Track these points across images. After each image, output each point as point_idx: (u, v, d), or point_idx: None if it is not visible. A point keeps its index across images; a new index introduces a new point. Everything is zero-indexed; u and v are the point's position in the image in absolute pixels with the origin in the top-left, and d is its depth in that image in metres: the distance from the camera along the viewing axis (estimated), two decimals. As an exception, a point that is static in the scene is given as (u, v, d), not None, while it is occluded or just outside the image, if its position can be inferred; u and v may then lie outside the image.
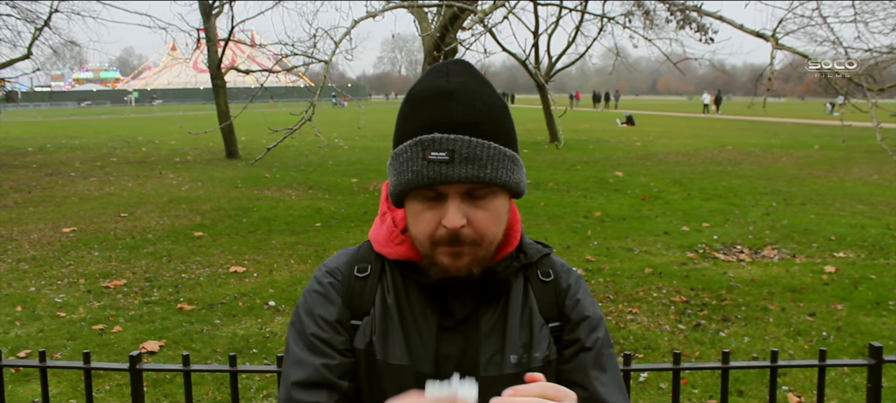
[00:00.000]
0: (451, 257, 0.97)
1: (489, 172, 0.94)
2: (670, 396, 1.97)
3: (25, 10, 16.46)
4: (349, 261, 1.09)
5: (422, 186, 0.95)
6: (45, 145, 21.25)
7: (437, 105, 0.95)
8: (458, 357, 1.02)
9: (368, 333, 1.03)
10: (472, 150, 0.93)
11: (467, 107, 0.95)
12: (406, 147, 0.96)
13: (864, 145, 17.30)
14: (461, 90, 0.96)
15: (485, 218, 0.97)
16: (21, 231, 8.24)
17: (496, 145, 0.95)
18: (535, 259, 1.09)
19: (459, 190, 0.95)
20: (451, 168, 0.92)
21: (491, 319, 1.03)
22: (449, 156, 0.92)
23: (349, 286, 1.06)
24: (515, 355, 1.03)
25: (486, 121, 0.95)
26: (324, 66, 7.65)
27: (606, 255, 6.95)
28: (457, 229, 0.94)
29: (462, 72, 0.98)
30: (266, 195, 11.00)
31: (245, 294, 5.71)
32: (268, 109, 29.85)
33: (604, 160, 16.09)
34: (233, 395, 2.02)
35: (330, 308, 1.05)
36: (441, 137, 0.93)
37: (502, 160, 0.96)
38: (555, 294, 1.09)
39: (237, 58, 44.63)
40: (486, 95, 0.98)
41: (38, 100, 65.78)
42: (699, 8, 8.62)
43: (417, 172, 0.94)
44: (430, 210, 0.97)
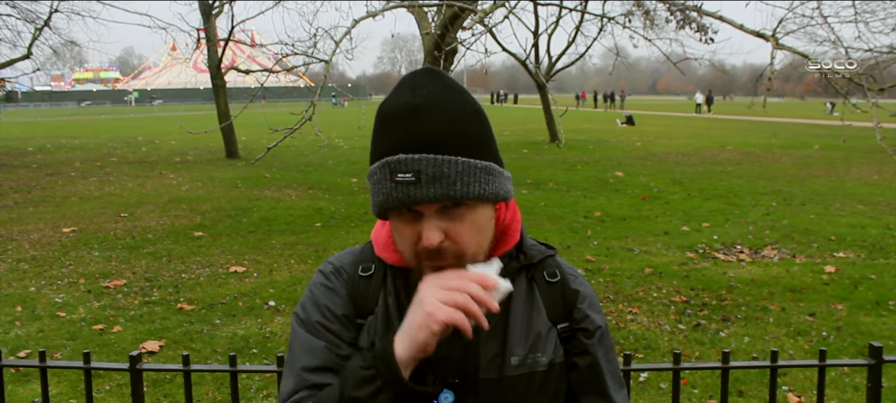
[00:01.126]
0: (435, 271, 0.97)
1: (459, 188, 0.92)
2: (670, 396, 1.97)
3: (25, 10, 16.47)
4: (354, 261, 1.09)
5: (393, 208, 0.95)
6: (45, 145, 21.25)
7: (401, 124, 0.93)
8: (458, 360, 1.01)
9: (372, 333, 1.03)
10: (437, 169, 0.91)
11: (433, 123, 0.92)
12: (375, 169, 0.96)
13: (864, 145, 17.30)
14: (427, 104, 0.93)
15: (464, 231, 0.95)
16: (21, 231, 8.24)
17: (465, 159, 0.93)
18: (538, 259, 1.09)
19: (433, 207, 0.94)
20: (418, 189, 0.91)
21: (491, 321, 1.01)
22: (415, 177, 0.91)
23: (354, 284, 1.06)
24: (516, 356, 1.02)
25: (454, 134, 0.93)
26: (324, 66, 7.65)
27: (606, 255, 6.94)
28: (434, 246, 0.94)
29: (430, 82, 0.95)
30: (266, 195, 11.00)
31: (245, 294, 5.71)
32: (267, 109, 29.86)
33: (604, 160, 16.08)
34: (233, 395, 2.02)
35: (336, 300, 1.06)
36: (406, 158, 0.92)
37: (473, 173, 0.94)
38: (562, 295, 1.08)
39: (237, 58, 44.63)
40: (454, 104, 0.95)
41: (38, 100, 65.75)
42: (699, 8, 8.62)
43: (387, 194, 0.94)
44: (410, 226, 0.96)
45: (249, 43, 23.47)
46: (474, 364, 1.01)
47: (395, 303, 1.04)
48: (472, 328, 0.99)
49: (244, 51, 51.17)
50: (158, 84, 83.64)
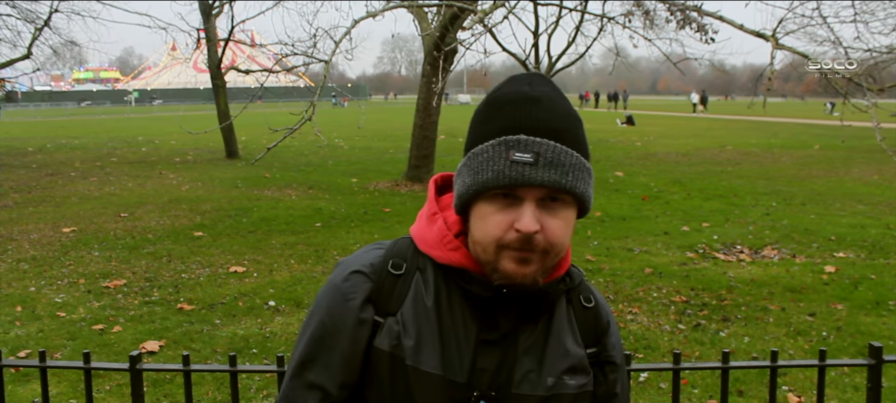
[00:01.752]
0: (517, 263, 0.95)
1: (570, 180, 0.93)
2: (670, 396, 1.97)
3: (25, 10, 16.46)
4: (385, 256, 1.04)
5: (502, 186, 0.93)
6: (45, 145, 21.25)
7: (522, 109, 0.94)
8: (494, 372, 1.00)
9: (396, 335, 0.99)
10: (556, 156, 0.92)
11: (552, 114, 0.95)
12: (487, 147, 0.94)
13: (864, 145, 17.30)
14: (545, 97, 0.96)
15: (558, 226, 0.95)
16: (21, 231, 8.24)
17: (578, 155, 0.95)
18: (577, 282, 1.08)
19: (537, 195, 0.93)
20: (534, 170, 0.91)
21: (530, 337, 1.02)
22: (534, 159, 0.91)
23: (380, 281, 1.02)
24: (552, 377, 1.01)
25: (569, 130, 0.95)
26: (324, 66, 7.65)
27: (606, 255, 6.94)
28: (531, 233, 0.92)
29: (545, 83, 0.98)
30: (266, 195, 11.00)
31: (245, 294, 5.71)
32: (267, 109, 29.86)
33: (604, 160, 16.08)
34: (233, 395, 2.02)
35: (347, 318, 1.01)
36: (527, 139, 0.92)
37: (582, 170, 0.96)
38: (595, 322, 1.08)
39: (237, 58, 44.63)
40: (569, 108, 0.98)
41: (38, 100, 65.74)
42: (699, 8, 8.62)
43: (499, 172, 0.92)
44: (502, 213, 0.94)
45: (249, 43, 23.47)
46: (509, 377, 1.00)
47: (434, 306, 1.00)
48: (510, 343, 1.00)
49: (244, 51, 51.15)
50: (158, 84, 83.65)
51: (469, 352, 0.99)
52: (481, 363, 0.99)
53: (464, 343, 0.99)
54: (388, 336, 0.99)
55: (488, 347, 1.00)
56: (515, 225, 0.93)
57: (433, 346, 0.99)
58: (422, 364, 0.98)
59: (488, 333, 1.00)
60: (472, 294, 0.99)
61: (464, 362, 0.99)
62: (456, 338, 0.99)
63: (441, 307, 1.00)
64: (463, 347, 0.99)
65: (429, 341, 0.99)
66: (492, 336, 1.00)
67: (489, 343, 1.00)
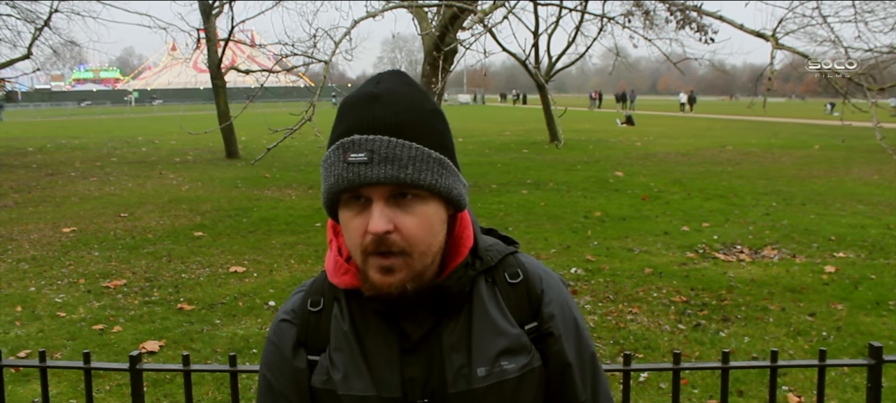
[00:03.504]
0: (381, 273, 0.92)
1: (410, 173, 0.90)
2: (670, 396, 1.97)
3: (25, 10, 16.48)
4: (303, 298, 1.06)
5: (343, 189, 0.91)
6: (45, 145, 21.25)
7: (361, 108, 0.92)
8: (425, 378, 0.98)
9: (325, 370, 1.00)
10: (391, 150, 0.89)
11: (390, 109, 0.91)
12: (330, 152, 0.94)
13: (864, 145, 17.30)
14: (387, 93, 0.93)
15: (413, 224, 0.91)
16: (21, 231, 8.24)
17: (419, 146, 0.91)
18: (496, 261, 1.03)
19: (383, 193, 0.91)
20: (369, 169, 0.89)
21: (454, 332, 0.98)
22: (368, 157, 0.89)
23: (304, 323, 1.03)
24: (484, 367, 0.97)
25: (411, 122, 0.92)
26: (324, 66, 7.65)
27: (606, 255, 6.94)
28: (380, 233, 0.90)
29: (393, 79, 0.96)
30: (266, 195, 11.00)
31: (245, 294, 5.71)
32: (268, 109, 29.83)
33: (604, 160, 16.09)
34: (233, 395, 2.02)
35: (284, 368, 1.04)
36: (360, 139, 0.90)
37: (426, 161, 0.91)
38: (527, 295, 1.02)
39: (237, 58, 44.62)
40: (415, 100, 0.94)
41: (38, 100, 65.72)
42: (699, 8, 8.62)
43: (339, 175, 0.91)
44: (358, 217, 0.92)
45: (249, 43, 23.48)
46: (441, 380, 0.98)
47: (351, 330, 1.00)
48: (435, 345, 0.98)
49: (244, 51, 51.16)
50: (158, 84, 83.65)
51: (396, 366, 0.98)
52: (408, 372, 0.98)
53: (389, 358, 0.98)
54: (320, 373, 1.01)
55: (411, 356, 0.98)
56: (368, 228, 0.91)
57: (360, 370, 0.98)
58: (353, 391, 0.98)
59: (405, 343, 0.99)
60: (378, 309, 0.98)
61: (393, 377, 0.98)
62: (380, 356, 0.98)
63: (358, 330, 1.00)
64: (389, 362, 0.98)
65: (355, 366, 0.99)
66: (408, 345, 0.99)
67: (409, 352, 0.99)
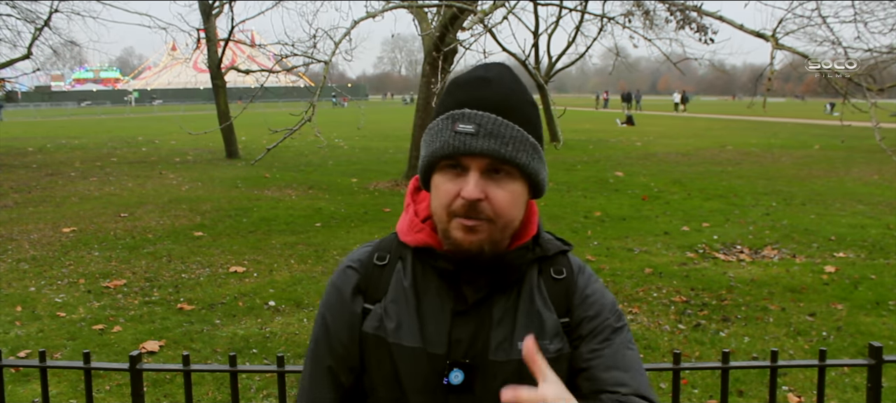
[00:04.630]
0: (465, 231, 1.01)
1: (510, 150, 1.00)
2: (670, 396, 1.97)
3: (25, 10, 16.48)
4: (371, 251, 1.16)
5: (447, 155, 1.01)
6: (45, 145, 21.25)
7: (472, 87, 1.03)
8: (469, 341, 1.06)
9: (379, 317, 1.09)
10: (496, 127, 0.99)
11: (499, 92, 1.02)
12: (438, 121, 1.04)
13: (864, 145, 17.30)
14: (497, 79, 1.03)
15: (502, 196, 1.01)
16: (21, 231, 8.24)
17: (520, 128, 1.01)
18: (552, 253, 1.13)
19: (481, 164, 1.00)
20: (475, 140, 0.99)
21: (503, 307, 1.07)
22: (475, 130, 0.99)
23: (367, 273, 1.13)
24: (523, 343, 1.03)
25: (515, 108, 1.02)
26: (324, 66, 7.65)
27: (606, 255, 6.94)
28: (473, 199, 0.99)
29: (502, 69, 1.06)
30: (266, 195, 11.00)
31: (245, 294, 5.71)
32: (268, 109, 29.84)
33: (604, 160, 16.09)
34: (233, 395, 2.02)
35: (342, 310, 1.12)
36: (470, 112, 1.00)
37: (524, 143, 1.02)
38: (566, 292, 1.11)
39: (237, 58, 44.62)
40: (519, 91, 1.04)
41: (38, 100, 65.70)
42: (699, 8, 8.62)
43: (444, 142, 1.01)
44: (451, 182, 1.02)
45: (249, 43, 23.47)
46: (484, 346, 1.06)
47: (411, 286, 1.09)
48: (485, 314, 1.07)
49: (244, 51, 51.14)
50: (158, 84, 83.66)
51: (445, 325, 1.06)
52: (456, 334, 1.06)
53: (440, 317, 1.07)
54: (372, 320, 1.09)
55: (461, 318, 1.07)
56: (462, 193, 1.00)
57: (412, 323, 1.07)
58: (403, 341, 1.06)
59: (459, 305, 1.07)
60: (441, 269, 1.07)
61: (441, 335, 1.06)
62: (433, 314, 1.07)
63: (418, 287, 1.09)
64: (440, 321, 1.07)
65: (408, 319, 1.07)
66: (462, 307, 1.07)
67: (461, 314, 1.07)
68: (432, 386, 1.05)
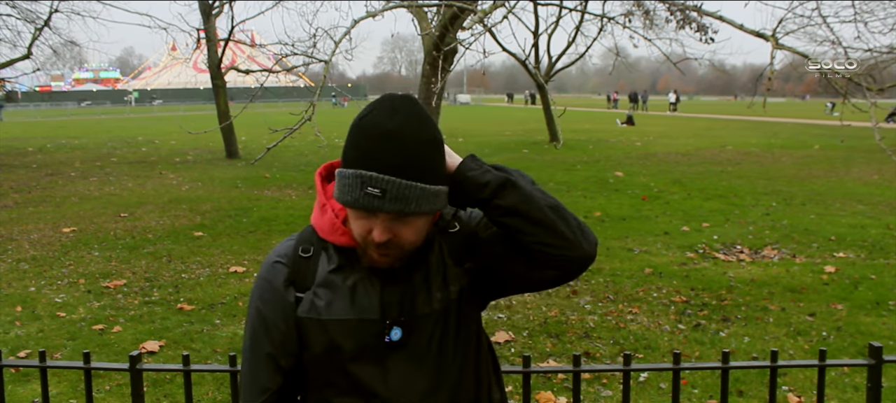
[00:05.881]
0: (380, 255, 1.19)
1: (413, 207, 1.14)
2: (670, 396, 1.98)
3: (25, 10, 16.47)
4: (295, 245, 1.30)
5: (359, 210, 1.16)
6: (45, 145, 21.25)
7: (377, 145, 1.12)
8: (399, 303, 1.24)
9: (310, 301, 1.24)
10: (400, 191, 1.12)
11: (400, 151, 1.12)
12: (349, 175, 1.14)
13: (864, 145, 17.30)
14: (397, 133, 1.12)
15: (409, 233, 1.18)
16: (21, 231, 8.24)
17: (422, 185, 1.13)
18: (447, 220, 1.31)
19: (389, 216, 1.15)
20: (382, 202, 1.12)
21: (420, 275, 1.27)
22: (382, 193, 1.12)
23: (294, 266, 1.27)
24: (439, 293, 1.27)
25: (417, 163, 1.13)
26: (324, 66, 7.65)
27: (606, 255, 6.94)
28: (383, 242, 1.16)
29: (405, 108, 1.15)
30: (266, 195, 11.00)
31: (245, 294, 5.71)
32: (268, 109, 29.83)
33: (604, 160, 16.09)
34: (233, 395, 2.02)
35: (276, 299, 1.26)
36: (376, 177, 1.11)
37: (426, 196, 1.15)
38: (462, 239, 1.30)
39: (237, 58, 44.62)
40: (420, 135, 1.14)
41: (38, 100, 65.62)
42: (699, 8, 8.62)
43: (356, 199, 1.14)
44: (364, 220, 1.17)
45: (249, 43, 23.48)
46: (411, 305, 1.24)
47: (337, 270, 1.25)
48: (408, 281, 1.25)
49: (244, 51, 51.14)
50: (158, 84, 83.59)
51: (376, 295, 1.23)
52: (387, 298, 1.24)
53: (371, 289, 1.24)
54: (305, 306, 1.25)
55: (390, 287, 1.24)
56: (371, 237, 1.16)
57: (343, 300, 1.23)
58: (335, 315, 1.23)
59: (388, 279, 1.25)
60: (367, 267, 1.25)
61: (372, 302, 1.23)
62: (363, 288, 1.24)
63: (345, 270, 1.25)
64: (370, 292, 1.24)
65: (338, 297, 1.23)
66: (392, 279, 1.25)
67: (391, 283, 1.25)
68: (371, 347, 1.23)
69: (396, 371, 1.23)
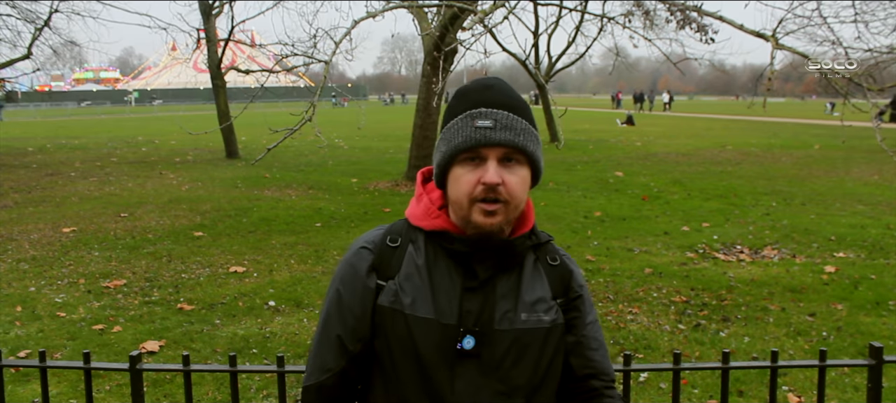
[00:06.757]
0: (485, 215, 1.18)
1: (522, 140, 1.18)
2: (670, 396, 1.97)
3: (25, 10, 16.45)
4: (383, 234, 1.31)
5: (470, 147, 1.17)
6: (45, 145, 21.25)
7: (482, 92, 1.22)
8: (478, 313, 1.21)
9: (394, 293, 1.23)
10: (510, 121, 1.18)
11: (504, 95, 1.22)
12: (457, 119, 1.20)
13: (864, 145, 17.30)
14: (498, 86, 1.23)
15: (515, 181, 1.19)
16: (21, 231, 8.24)
17: (526, 122, 1.21)
18: (544, 240, 1.32)
19: (497, 154, 1.17)
20: (493, 132, 1.17)
21: (506, 284, 1.24)
22: (493, 124, 1.17)
23: (380, 253, 1.27)
24: (525, 313, 1.24)
25: (519, 107, 1.22)
26: (324, 66, 7.65)
27: (606, 255, 6.94)
28: (494, 184, 1.16)
29: (499, 80, 1.26)
30: (266, 195, 11.00)
31: (245, 294, 5.71)
32: (268, 109, 29.83)
33: (604, 160, 16.09)
34: (233, 395, 2.02)
35: (356, 285, 1.26)
36: (487, 110, 1.19)
37: (530, 135, 1.21)
38: (561, 276, 1.30)
39: (237, 58, 44.60)
40: (517, 95, 1.24)
41: (38, 100, 65.61)
42: (699, 8, 8.62)
43: (467, 136, 1.17)
44: (472, 173, 1.18)
45: (249, 43, 23.48)
46: (490, 317, 1.21)
47: (424, 264, 1.24)
48: (490, 290, 1.23)
49: (244, 51, 51.15)
50: (158, 84, 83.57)
51: (456, 299, 1.22)
52: (466, 306, 1.22)
53: (451, 292, 1.22)
54: (388, 295, 1.23)
55: (471, 293, 1.22)
56: (482, 179, 1.16)
57: (426, 298, 1.22)
58: (418, 312, 1.21)
59: (470, 282, 1.23)
60: (454, 251, 1.23)
61: (452, 307, 1.21)
62: (444, 289, 1.22)
63: (430, 266, 1.24)
64: (451, 296, 1.22)
65: (422, 294, 1.22)
66: (472, 284, 1.22)
67: (471, 290, 1.22)
68: (444, 351, 1.21)
69: (464, 380, 1.21)
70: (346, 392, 1.30)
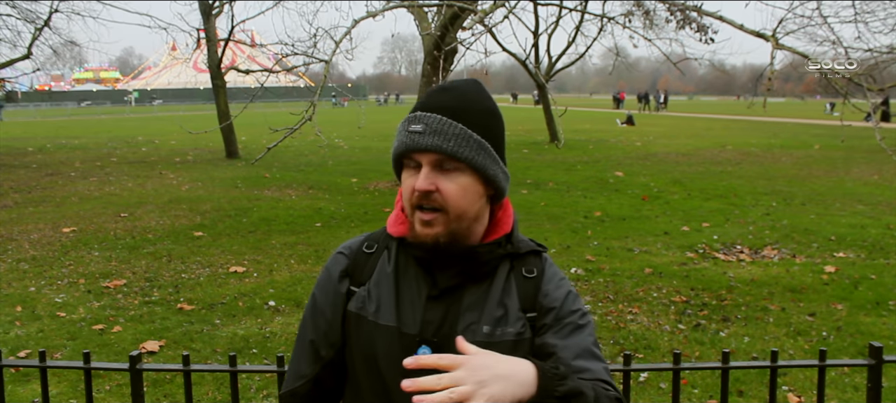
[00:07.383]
0: (422, 225, 1.15)
1: (452, 146, 1.11)
2: (670, 396, 1.97)
3: (25, 10, 16.46)
4: (362, 240, 1.30)
5: (401, 152, 1.15)
6: (45, 145, 21.25)
7: (433, 94, 1.16)
8: (439, 323, 1.17)
9: (362, 299, 1.22)
10: (441, 126, 1.11)
11: (453, 99, 1.14)
12: (399, 125, 1.17)
13: (864, 145, 17.30)
14: (456, 89, 1.16)
15: (451, 188, 1.13)
16: (21, 231, 8.24)
17: (463, 127, 1.12)
18: (523, 251, 1.23)
19: (430, 160, 1.12)
20: (421, 138, 1.11)
21: (474, 295, 1.19)
22: (423, 128, 1.12)
23: (355, 259, 1.27)
24: (488, 326, 1.18)
25: (467, 112, 1.14)
26: (324, 66, 7.66)
27: (606, 255, 6.94)
28: (423, 190, 1.11)
29: (471, 84, 1.19)
30: (266, 195, 11.00)
31: (245, 294, 5.71)
32: (268, 109, 29.84)
33: (604, 160, 16.09)
34: (233, 395, 2.02)
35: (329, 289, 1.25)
36: (422, 114, 1.13)
37: (467, 140, 1.12)
38: (535, 289, 1.21)
39: (237, 58, 44.61)
40: (479, 101, 1.16)
41: (38, 100, 65.62)
42: (699, 8, 8.62)
43: (400, 141, 1.15)
44: (411, 178, 1.15)
45: (249, 43, 23.46)
46: (452, 328, 1.17)
47: (393, 272, 1.22)
48: (456, 300, 1.19)
49: (244, 51, 51.14)
50: (158, 84, 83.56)
51: (420, 309, 1.19)
52: (428, 316, 1.18)
53: (416, 301, 1.19)
54: (357, 301, 1.23)
55: (433, 302, 1.19)
56: (415, 186, 1.13)
57: (390, 305, 1.20)
58: (380, 320, 1.19)
59: (433, 290, 1.19)
60: (417, 256, 1.20)
61: (416, 317, 1.18)
62: (410, 298, 1.20)
63: (398, 273, 1.22)
64: (415, 304, 1.19)
65: (387, 301, 1.20)
66: (434, 293, 1.19)
67: (434, 299, 1.19)
68: (402, 360, 1.14)
69: None
70: (320, 401, 1.28)
